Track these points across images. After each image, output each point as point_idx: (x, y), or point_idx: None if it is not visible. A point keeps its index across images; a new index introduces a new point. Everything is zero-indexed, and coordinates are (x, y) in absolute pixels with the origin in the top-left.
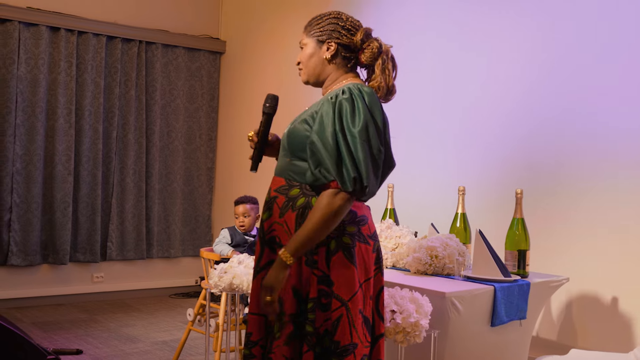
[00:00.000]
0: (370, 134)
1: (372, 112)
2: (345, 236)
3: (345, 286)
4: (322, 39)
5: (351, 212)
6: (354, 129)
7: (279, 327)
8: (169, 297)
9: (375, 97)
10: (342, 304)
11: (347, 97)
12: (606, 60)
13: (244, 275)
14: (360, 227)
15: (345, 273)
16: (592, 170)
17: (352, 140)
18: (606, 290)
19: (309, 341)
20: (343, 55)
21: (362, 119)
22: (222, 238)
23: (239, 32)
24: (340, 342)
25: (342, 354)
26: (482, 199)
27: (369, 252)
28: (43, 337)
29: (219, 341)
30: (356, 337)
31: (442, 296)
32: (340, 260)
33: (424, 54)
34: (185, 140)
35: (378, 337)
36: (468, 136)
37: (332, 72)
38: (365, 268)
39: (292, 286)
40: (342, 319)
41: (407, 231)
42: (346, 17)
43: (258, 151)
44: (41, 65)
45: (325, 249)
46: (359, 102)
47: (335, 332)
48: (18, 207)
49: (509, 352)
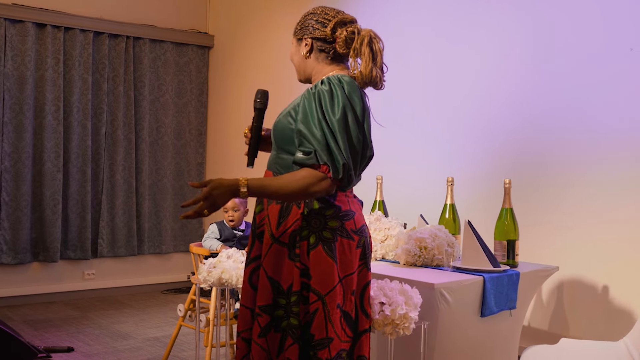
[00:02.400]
0: (349, 122)
1: (350, 101)
2: (326, 230)
3: (322, 280)
4: (300, 36)
5: (334, 207)
6: (333, 118)
7: (248, 321)
8: (161, 293)
9: (354, 86)
10: (319, 297)
11: (326, 87)
12: (594, 55)
13: (233, 270)
14: (343, 222)
15: (324, 267)
16: (579, 161)
17: (333, 128)
18: (596, 279)
19: (294, 334)
20: (319, 48)
21: (340, 107)
22: (211, 233)
23: (227, 26)
24: (315, 336)
25: (316, 347)
26: (471, 190)
27: (352, 247)
28: (34, 335)
29: (210, 336)
30: (332, 332)
31: (431, 287)
32: (320, 255)
33: (414, 47)
34: (174, 136)
35: (361, 333)
36: (457, 128)
37: (314, 66)
38: (347, 263)
39: (268, 277)
40: (317, 312)
41: (396, 223)
42: (321, 10)
43: (252, 147)
44: (28, 62)
45: (306, 243)
46: (337, 90)
47: (311, 325)
48: (7, 205)
49: (500, 342)
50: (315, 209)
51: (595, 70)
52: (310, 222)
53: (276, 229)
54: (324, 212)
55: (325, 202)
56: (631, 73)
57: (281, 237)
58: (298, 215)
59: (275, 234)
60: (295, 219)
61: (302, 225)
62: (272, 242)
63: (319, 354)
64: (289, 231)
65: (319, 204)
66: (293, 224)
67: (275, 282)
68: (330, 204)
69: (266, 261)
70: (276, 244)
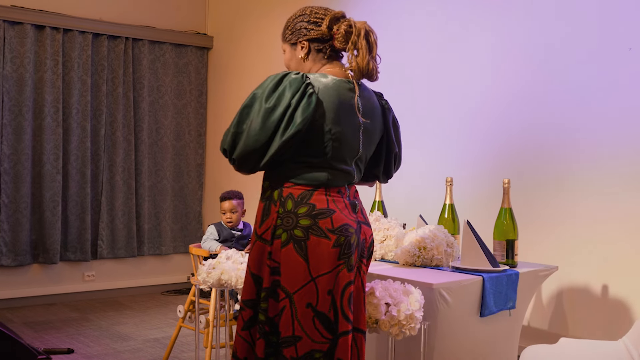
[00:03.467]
0: (245, 105)
1: (263, 89)
2: (297, 229)
3: (291, 278)
4: (294, 40)
5: (309, 205)
6: (243, 103)
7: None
8: (161, 294)
9: (296, 82)
10: (287, 295)
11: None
12: (592, 55)
13: (232, 271)
14: (317, 220)
15: (293, 265)
16: (579, 160)
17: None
18: (596, 278)
19: (261, 329)
20: (316, 49)
21: (252, 95)
22: (210, 235)
23: (227, 27)
24: (282, 333)
25: (282, 344)
26: (470, 190)
27: (328, 246)
28: (34, 337)
29: (210, 337)
30: (299, 331)
31: (430, 288)
32: (290, 253)
33: (414, 47)
34: (174, 137)
35: (340, 334)
36: (456, 127)
37: (312, 67)
38: (320, 262)
39: (251, 272)
40: (284, 310)
41: (396, 223)
42: (310, 10)
43: None
44: (27, 64)
45: (279, 241)
46: (267, 80)
47: (279, 322)
48: (7, 207)
49: (499, 342)
50: (289, 207)
51: (594, 69)
52: (283, 220)
53: (259, 226)
54: (296, 211)
55: (300, 200)
56: (630, 72)
57: (264, 234)
58: (274, 213)
59: (258, 231)
60: (272, 217)
61: (277, 223)
62: (256, 239)
63: (284, 352)
64: (270, 229)
65: (293, 202)
66: (270, 222)
67: (257, 278)
68: (304, 203)
69: (250, 257)
70: (259, 241)
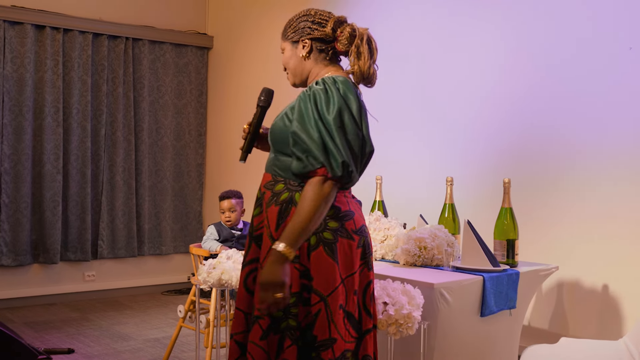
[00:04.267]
0: (345, 121)
1: (346, 100)
2: (326, 231)
3: (324, 281)
4: (296, 39)
5: (334, 208)
6: (329, 117)
7: (250, 323)
8: (161, 294)
9: (348, 85)
10: (321, 299)
11: (321, 87)
12: (592, 54)
13: (232, 271)
14: (343, 222)
15: (325, 268)
16: (580, 160)
17: (329, 128)
18: (596, 278)
19: (292, 335)
20: (319, 49)
21: (335, 106)
22: (210, 235)
23: (227, 27)
24: (318, 337)
25: (319, 348)
26: (471, 190)
27: (353, 247)
28: (35, 337)
29: (210, 337)
30: (335, 332)
31: (431, 287)
32: (321, 256)
33: (413, 47)
34: (174, 137)
35: (365, 332)
36: (456, 127)
37: (312, 67)
38: (348, 263)
39: None
40: (320, 314)
41: (396, 223)
42: (315, 11)
43: (248, 142)
44: (27, 64)
45: (306, 245)
46: (332, 90)
47: (314, 326)
48: (7, 207)
49: (500, 342)
50: None
51: (594, 69)
52: None
53: (275, 230)
54: None
55: None
56: (630, 72)
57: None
58: None
59: (275, 236)
60: None
61: None
62: (272, 244)
63: (322, 355)
64: None
65: None
66: None
67: None
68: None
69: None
70: None
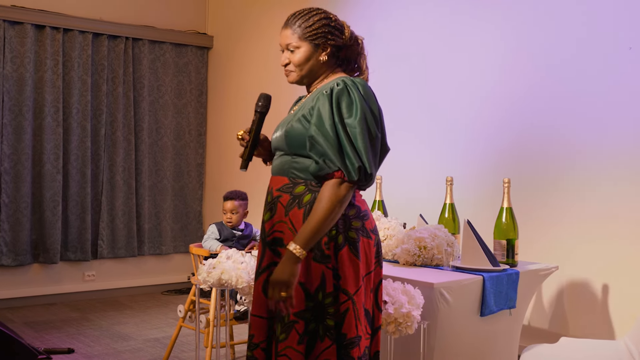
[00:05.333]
0: (368, 123)
1: (368, 102)
2: (351, 231)
3: (351, 280)
4: (319, 42)
5: (356, 207)
6: (353, 120)
7: (283, 329)
8: (161, 294)
9: (368, 87)
10: (349, 297)
11: (342, 88)
12: (592, 54)
13: (232, 271)
14: (364, 221)
15: (351, 267)
16: (580, 160)
17: (351, 131)
18: (596, 278)
19: (331, 335)
20: (334, 54)
21: (359, 109)
22: (211, 234)
23: (227, 27)
24: (347, 335)
25: (348, 346)
26: (471, 189)
27: (371, 246)
28: (35, 337)
29: (210, 337)
30: (361, 330)
31: (431, 287)
32: (347, 255)
33: (413, 46)
34: (174, 137)
35: (377, 329)
36: (456, 127)
37: (325, 70)
38: (367, 262)
39: (300, 283)
40: (348, 312)
41: (396, 222)
42: (331, 15)
43: (249, 150)
44: (27, 64)
45: (334, 244)
46: (354, 92)
47: (342, 325)
48: (7, 206)
49: (500, 341)
50: None
51: (595, 69)
52: (338, 223)
53: None
54: (347, 212)
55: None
56: (630, 72)
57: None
58: None
59: None
60: None
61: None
62: None
63: (352, 353)
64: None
65: None
66: None
67: (304, 286)
68: (351, 204)
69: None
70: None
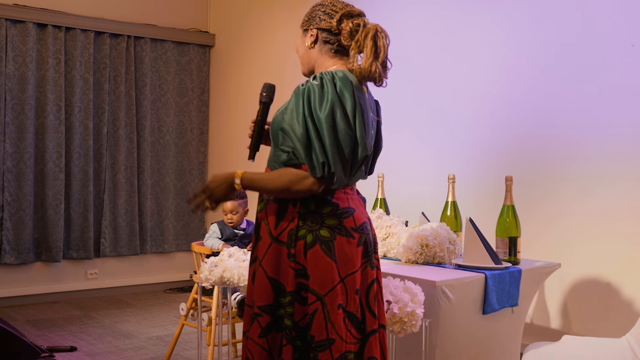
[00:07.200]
0: (337, 120)
1: (340, 97)
2: (323, 229)
3: (321, 280)
4: (306, 27)
5: (332, 205)
6: (320, 114)
7: (249, 319)
8: (164, 292)
9: (347, 82)
10: (318, 298)
11: (317, 82)
12: (594, 52)
13: (234, 269)
14: (342, 220)
15: (322, 267)
16: (582, 158)
17: (319, 126)
18: (598, 275)
19: (288, 335)
20: (324, 40)
21: (328, 103)
22: (213, 233)
23: (228, 25)
24: (315, 337)
25: (316, 349)
26: (473, 187)
27: (353, 245)
28: (37, 335)
29: (212, 335)
30: (333, 333)
31: (433, 285)
32: (317, 254)
33: (415, 45)
34: (176, 135)
35: (369, 333)
36: (458, 125)
37: (318, 58)
38: (348, 262)
39: (268, 277)
40: (317, 313)
41: (398, 221)
42: (330, 2)
43: (255, 140)
44: (29, 63)
45: (302, 243)
46: (328, 87)
47: (311, 326)
48: (10, 205)
49: (502, 339)
50: (312, 207)
51: (596, 66)
52: (307, 221)
53: (275, 227)
54: (320, 210)
55: (322, 199)
56: (632, 69)
57: (279, 235)
58: (295, 214)
59: (274, 233)
60: (292, 218)
61: (299, 224)
62: (272, 242)
63: (320, 356)
64: (287, 230)
65: (315, 202)
66: (290, 223)
67: (275, 282)
68: (327, 202)
69: (265, 261)
70: (275, 243)
